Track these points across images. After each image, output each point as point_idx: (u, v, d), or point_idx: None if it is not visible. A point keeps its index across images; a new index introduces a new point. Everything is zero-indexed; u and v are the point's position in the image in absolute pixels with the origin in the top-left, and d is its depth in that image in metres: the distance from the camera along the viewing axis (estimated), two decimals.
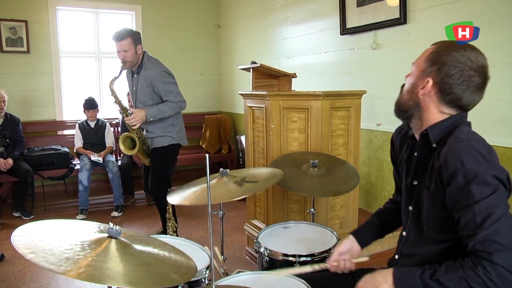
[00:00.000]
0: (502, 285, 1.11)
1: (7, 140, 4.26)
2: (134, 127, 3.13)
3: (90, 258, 1.06)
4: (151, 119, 3.11)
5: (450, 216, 1.24)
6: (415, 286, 1.20)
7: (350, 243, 1.61)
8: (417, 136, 1.38)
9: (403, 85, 1.39)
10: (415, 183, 1.38)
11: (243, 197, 1.81)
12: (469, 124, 1.31)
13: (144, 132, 3.33)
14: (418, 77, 1.31)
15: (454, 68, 1.23)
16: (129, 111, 3.20)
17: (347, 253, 1.60)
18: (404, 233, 1.45)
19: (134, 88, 3.23)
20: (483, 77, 1.25)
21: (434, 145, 1.30)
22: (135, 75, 3.23)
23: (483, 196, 1.13)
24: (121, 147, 3.19)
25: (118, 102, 3.17)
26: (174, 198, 1.84)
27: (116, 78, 3.16)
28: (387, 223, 1.66)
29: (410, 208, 1.41)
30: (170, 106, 3.15)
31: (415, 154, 1.39)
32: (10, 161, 4.26)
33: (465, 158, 1.16)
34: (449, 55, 1.24)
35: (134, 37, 3.09)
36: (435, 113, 1.29)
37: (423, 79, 1.29)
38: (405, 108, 1.35)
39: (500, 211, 1.12)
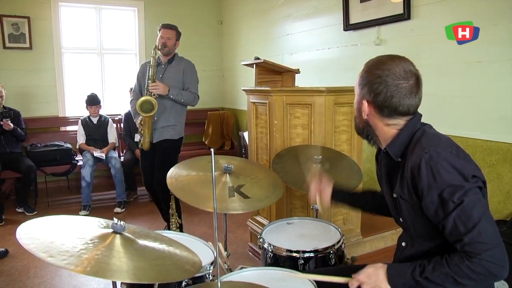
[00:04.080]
0: (485, 277, 1.16)
1: (12, 112, 4.39)
2: (155, 91, 3.26)
3: (95, 253, 1.06)
4: (171, 96, 3.31)
5: (432, 222, 1.27)
6: (408, 282, 1.25)
7: (329, 188, 1.74)
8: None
9: None
10: (395, 195, 1.41)
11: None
12: (427, 126, 1.35)
13: (154, 119, 3.38)
14: (358, 102, 1.40)
15: (380, 85, 1.29)
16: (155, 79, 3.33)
17: (324, 189, 1.74)
18: (403, 244, 1.47)
19: (160, 75, 3.39)
20: (413, 78, 1.29)
21: (399, 159, 1.35)
22: (163, 66, 3.43)
23: (458, 204, 1.17)
24: (138, 108, 3.21)
25: (153, 66, 3.27)
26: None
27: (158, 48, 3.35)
28: (369, 203, 1.75)
29: (401, 220, 1.44)
30: (189, 94, 3.40)
31: (384, 168, 1.45)
32: (11, 124, 4.24)
33: (436, 171, 1.19)
34: (372, 74, 1.31)
35: (179, 33, 3.47)
36: (383, 127, 1.37)
37: (361, 102, 1.36)
38: (361, 131, 1.46)
39: (478, 212, 1.17)
